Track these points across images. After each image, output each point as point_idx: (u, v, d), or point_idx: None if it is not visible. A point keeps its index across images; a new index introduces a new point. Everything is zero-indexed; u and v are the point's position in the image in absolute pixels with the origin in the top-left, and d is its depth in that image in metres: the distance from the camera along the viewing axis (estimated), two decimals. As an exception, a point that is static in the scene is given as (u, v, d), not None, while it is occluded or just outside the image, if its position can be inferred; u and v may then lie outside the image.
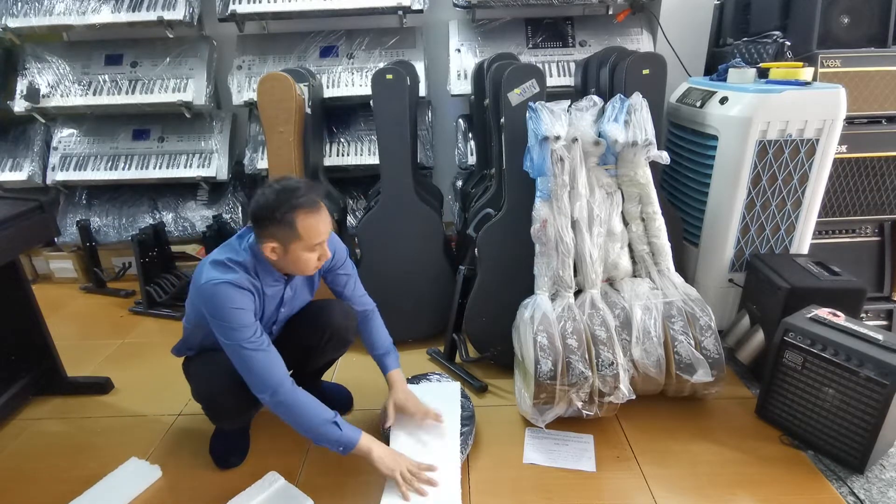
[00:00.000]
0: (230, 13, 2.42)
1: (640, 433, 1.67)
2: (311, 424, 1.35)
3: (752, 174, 1.83)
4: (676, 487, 1.47)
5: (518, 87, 1.79)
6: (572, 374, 1.55)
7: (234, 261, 1.35)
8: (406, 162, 2.04)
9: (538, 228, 1.69)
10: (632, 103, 1.73)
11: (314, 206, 1.31)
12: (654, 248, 1.79)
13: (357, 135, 2.67)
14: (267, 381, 1.33)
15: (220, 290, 1.31)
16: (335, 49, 2.61)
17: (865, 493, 1.43)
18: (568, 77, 2.49)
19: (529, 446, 1.62)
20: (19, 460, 1.65)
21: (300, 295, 1.57)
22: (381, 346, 1.67)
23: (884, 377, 1.38)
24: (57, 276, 2.93)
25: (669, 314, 1.66)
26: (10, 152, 2.75)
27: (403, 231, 2.08)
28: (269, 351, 1.35)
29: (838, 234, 2.13)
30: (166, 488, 1.52)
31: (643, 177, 1.75)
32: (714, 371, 1.61)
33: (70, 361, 1.97)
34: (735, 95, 1.82)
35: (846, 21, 1.99)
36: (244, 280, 1.34)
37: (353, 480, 1.51)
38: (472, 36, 2.58)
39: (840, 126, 1.78)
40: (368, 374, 2.00)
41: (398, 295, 2.12)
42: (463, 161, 2.60)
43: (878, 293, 2.15)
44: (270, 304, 1.46)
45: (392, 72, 1.96)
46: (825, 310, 1.60)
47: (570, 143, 1.68)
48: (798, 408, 1.58)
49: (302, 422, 1.35)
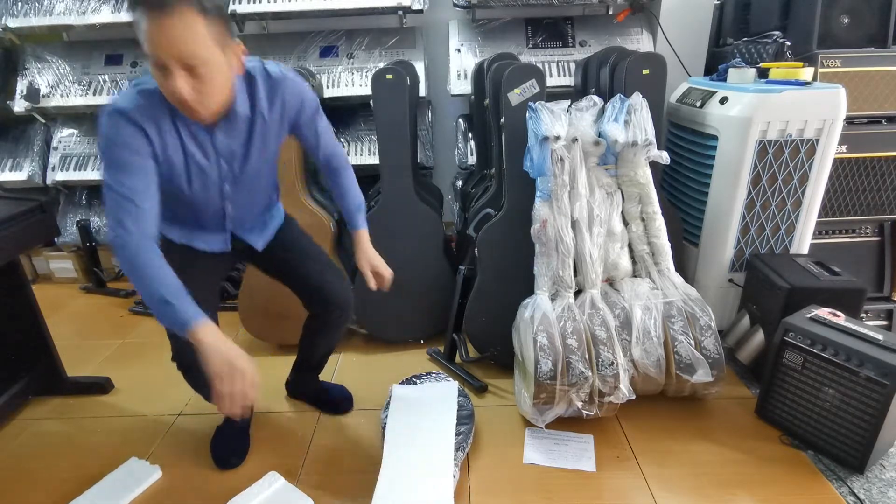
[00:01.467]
0: (230, 13, 2.41)
1: (640, 433, 1.67)
2: (152, 292, 1.10)
3: (752, 174, 1.83)
4: (676, 487, 1.47)
5: (518, 87, 1.79)
6: (572, 374, 1.55)
7: (145, 90, 1.14)
8: (406, 162, 2.04)
9: (538, 228, 1.69)
10: (632, 103, 1.73)
11: (160, 6, 0.99)
12: (654, 248, 1.79)
13: (357, 135, 2.67)
14: (120, 222, 1.11)
15: (105, 120, 1.11)
16: (335, 49, 2.61)
17: (865, 493, 1.43)
18: (568, 77, 2.49)
19: (529, 446, 1.62)
20: (19, 460, 1.65)
21: (250, 150, 1.30)
22: (353, 200, 1.54)
23: (884, 377, 1.38)
24: (57, 276, 2.93)
25: (669, 314, 1.66)
26: (10, 152, 2.75)
27: (403, 231, 2.08)
28: (141, 207, 1.12)
29: (838, 234, 2.13)
30: (166, 488, 1.52)
31: (643, 177, 1.75)
32: (714, 371, 1.61)
33: (70, 361, 1.97)
34: (735, 95, 1.82)
35: (846, 21, 1.99)
36: (139, 112, 1.12)
37: (353, 480, 1.51)
38: (472, 36, 2.58)
39: (840, 126, 1.78)
40: (368, 374, 2.01)
41: (398, 295, 2.11)
42: (463, 161, 2.60)
43: (878, 293, 2.15)
44: (197, 154, 1.23)
45: (392, 72, 1.96)
46: (825, 310, 1.60)
47: (570, 143, 1.68)
48: (798, 408, 1.58)
49: (144, 285, 1.11)
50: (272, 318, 2.09)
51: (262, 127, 1.29)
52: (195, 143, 1.22)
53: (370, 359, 2.11)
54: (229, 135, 1.25)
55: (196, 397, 1.90)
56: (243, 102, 1.23)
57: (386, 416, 1.66)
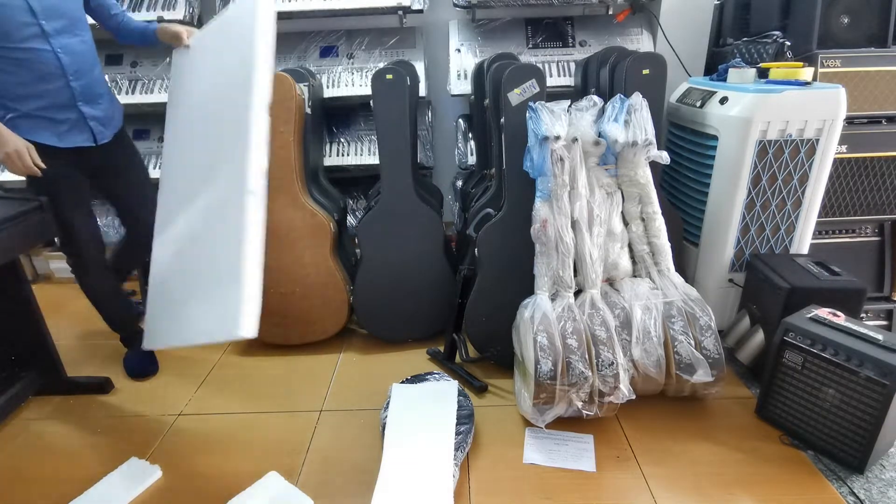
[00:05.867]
0: (230, 13, 2.41)
1: (640, 433, 1.67)
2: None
3: (752, 174, 1.83)
4: (676, 487, 1.47)
5: (518, 87, 1.79)
6: (572, 374, 1.55)
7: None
8: (406, 162, 2.04)
9: (538, 228, 1.69)
10: (632, 103, 1.73)
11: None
12: (654, 248, 1.79)
13: (357, 135, 2.67)
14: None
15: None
16: (335, 49, 2.61)
17: (865, 493, 1.43)
18: (568, 77, 2.49)
19: (529, 446, 1.62)
20: (19, 460, 1.65)
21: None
22: (140, 24, 1.82)
23: (884, 377, 1.38)
24: (57, 276, 2.93)
25: (669, 314, 1.66)
26: (10, 152, 2.74)
27: (403, 231, 2.08)
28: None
29: (838, 234, 2.13)
30: (166, 488, 1.52)
31: (643, 177, 1.75)
32: (714, 371, 1.61)
33: (70, 361, 1.97)
34: (735, 95, 1.82)
35: (846, 21, 1.99)
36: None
37: (353, 480, 1.51)
38: (472, 36, 2.58)
39: (840, 126, 1.78)
40: (368, 374, 2.01)
41: (398, 295, 2.12)
42: (463, 161, 2.60)
43: (878, 293, 2.15)
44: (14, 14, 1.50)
45: (392, 72, 1.96)
46: (825, 310, 1.60)
47: (570, 143, 1.68)
48: (798, 408, 1.59)
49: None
50: (271, 317, 2.09)
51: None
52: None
53: (370, 359, 2.11)
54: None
55: (196, 397, 1.91)
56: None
57: (386, 416, 1.66)
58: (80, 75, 1.67)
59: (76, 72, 1.65)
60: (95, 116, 1.74)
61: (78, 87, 1.67)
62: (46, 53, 1.58)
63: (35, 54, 1.57)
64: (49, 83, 1.61)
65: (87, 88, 1.70)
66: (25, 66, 1.57)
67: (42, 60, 1.58)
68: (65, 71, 1.63)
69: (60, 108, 1.66)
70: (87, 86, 1.70)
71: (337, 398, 1.88)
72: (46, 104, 1.63)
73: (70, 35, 1.64)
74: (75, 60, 1.65)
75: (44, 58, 1.58)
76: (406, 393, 1.76)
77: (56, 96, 1.64)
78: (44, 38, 1.57)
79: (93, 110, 1.73)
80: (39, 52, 1.57)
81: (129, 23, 1.83)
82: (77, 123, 1.70)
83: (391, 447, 1.54)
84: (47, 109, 1.64)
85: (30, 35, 1.55)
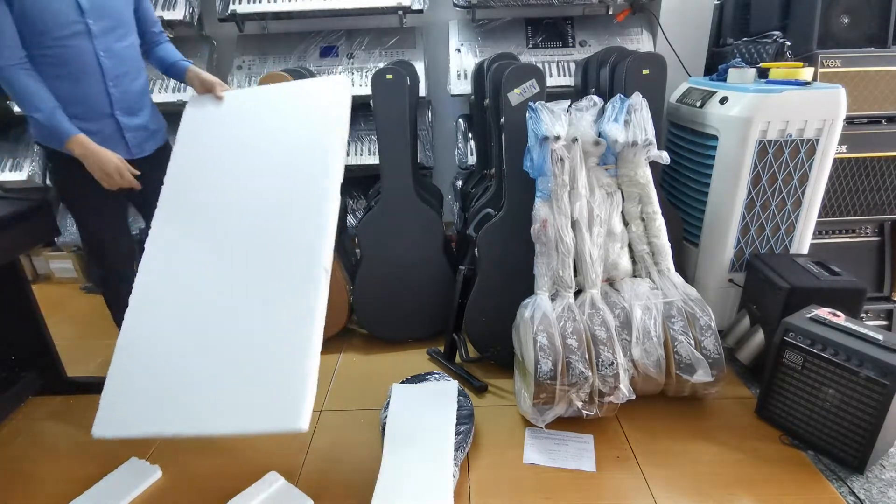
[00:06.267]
0: (230, 13, 2.41)
1: (640, 433, 1.67)
2: (34, 106, 1.45)
3: (752, 174, 1.83)
4: (676, 487, 1.47)
5: (518, 87, 1.79)
6: (572, 374, 1.55)
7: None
8: (406, 162, 2.04)
9: (538, 228, 1.69)
10: (632, 103, 1.73)
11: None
12: (654, 248, 1.79)
13: (357, 135, 2.67)
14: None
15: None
16: (335, 49, 2.61)
17: (865, 493, 1.43)
18: (568, 77, 2.49)
19: (529, 446, 1.62)
20: (19, 460, 1.65)
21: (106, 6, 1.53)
22: (174, 56, 1.75)
23: (884, 377, 1.38)
24: (57, 276, 2.93)
25: (669, 314, 1.66)
26: (10, 152, 2.74)
27: (403, 231, 2.08)
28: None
29: (838, 234, 2.13)
30: (166, 488, 1.52)
31: (643, 177, 1.75)
32: (714, 371, 1.61)
33: (70, 361, 1.97)
34: (735, 95, 1.82)
35: (846, 21, 1.99)
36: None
37: (353, 480, 1.51)
38: (472, 36, 2.58)
39: (840, 126, 1.78)
40: (368, 374, 2.01)
41: (398, 295, 2.12)
42: (463, 161, 2.60)
43: (878, 293, 2.15)
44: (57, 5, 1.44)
45: (392, 72, 1.96)
46: (825, 310, 1.60)
47: (570, 143, 1.68)
48: (798, 408, 1.58)
49: (24, 101, 1.45)
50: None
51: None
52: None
53: (370, 359, 2.11)
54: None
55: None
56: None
57: (386, 416, 1.66)
58: (120, 82, 1.58)
59: (116, 77, 1.57)
60: (133, 128, 1.65)
61: (117, 94, 1.58)
62: (88, 54, 1.50)
63: (75, 53, 1.49)
64: (86, 87, 1.53)
65: (127, 97, 1.61)
66: (63, 66, 1.49)
67: (82, 61, 1.50)
68: (104, 75, 1.54)
69: (96, 115, 1.57)
70: (128, 94, 1.61)
71: (337, 398, 1.88)
72: (81, 110, 1.54)
73: (115, 38, 1.55)
74: (117, 65, 1.56)
75: (84, 59, 1.50)
76: (406, 393, 1.76)
77: (93, 102, 1.55)
78: (88, 37, 1.49)
79: (131, 121, 1.64)
80: (81, 53, 1.49)
81: (164, 48, 1.74)
82: (112, 136, 1.61)
83: (391, 447, 1.54)
84: (81, 116, 1.54)
85: (73, 33, 1.47)
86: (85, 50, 1.50)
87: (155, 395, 1.28)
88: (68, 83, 1.51)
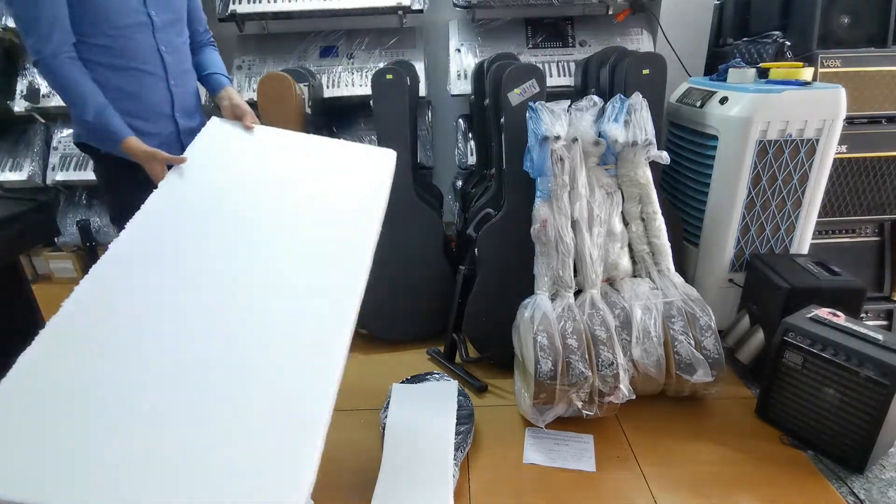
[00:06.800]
0: (230, 13, 2.41)
1: (640, 433, 1.67)
2: (83, 104, 1.31)
3: (752, 174, 1.83)
4: (676, 487, 1.47)
5: (518, 87, 1.79)
6: (572, 374, 1.55)
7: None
8: (406, 162, 2.04)
9: (538, 228, 1.69)
10: (632, 103, 1.73)
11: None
12: (654, 248, 1.79)
13: (357, 135, 2.66)
14: (43, 39, 1.24)
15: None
16: (335, 49, 2.61)
17: (865, 493, 1.43)
18: (568, 77, 2.49)
19: (529, 446, 1.62)
20: (19, 460, 1.64)
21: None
22: (216, 65, 1.62)
23: (884, 377, 1.38)
24: (57, 276, 2.93)
25: (669, 314, 1.66)
26: (10, 152, 2.74)
27: (403, 231, 2.08)
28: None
29: (838, 234, 2.13)
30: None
31: (643, 177, 1.75)
32: (714, 371, 1.61)
33: (70, 361, 1.96)
34: (735, 95, 1.82)
35: (846, 21, 1.99)
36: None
37: (353, 480, 1.51)
38: (472, 36, 2.58)
39: (840, 126, 1.78)
40: (368, 374, 2.01)
41: (398, 295, 2.12)
42: (463, 161, 2.60)
43: (878, 293, 2.15)
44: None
45: (392, 72, 1.96)
46: (825, 310, 1.60)
47: (570, 143, 1.68)
48: (798, 408, 1.58)
49: (75, 98, 1.32)
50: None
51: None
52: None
53: (370, 359, 2.11)
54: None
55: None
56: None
57: (386, 416, 1.66)
58: (179, 80, 1.49)
59: (177, 75, 1.48)
60: (189, 131, 1.51)
61: (178, 93, 1.49)
62: (150, 49, 1.39)
63: (138, 46, 1.38)
64: (149, 84, 1.42)
65: (185, 97, 1.53)
66: (124, 58, 1.37)
67: (145, 56, 1.39)
68: (167, 72, 1.44)
69: (155, 116, 1.47)
70: (185, 94, 1.53)
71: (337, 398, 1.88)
72: (140, 108, 1.43)
73: (175, 32, 1.46)
74: (178, 62, 1.47)
75: (147, 53, 1.39)
76: (406, 393, 1.76)
77: (153, 101, 1.45)
78: (150, 29, 1.38)
79: (187, 123, 1.55)
80: (143, 45, 1.38)
81: (208, 52, 1.61)
82: (169, 138, 1.50)
83: (391, 447, 1.54)
84: (140, 116, 1.43)
85: (136, 23, 1.36)
86: (147, 43, 1.39)
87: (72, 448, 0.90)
88: (128, 79, 1.39)
